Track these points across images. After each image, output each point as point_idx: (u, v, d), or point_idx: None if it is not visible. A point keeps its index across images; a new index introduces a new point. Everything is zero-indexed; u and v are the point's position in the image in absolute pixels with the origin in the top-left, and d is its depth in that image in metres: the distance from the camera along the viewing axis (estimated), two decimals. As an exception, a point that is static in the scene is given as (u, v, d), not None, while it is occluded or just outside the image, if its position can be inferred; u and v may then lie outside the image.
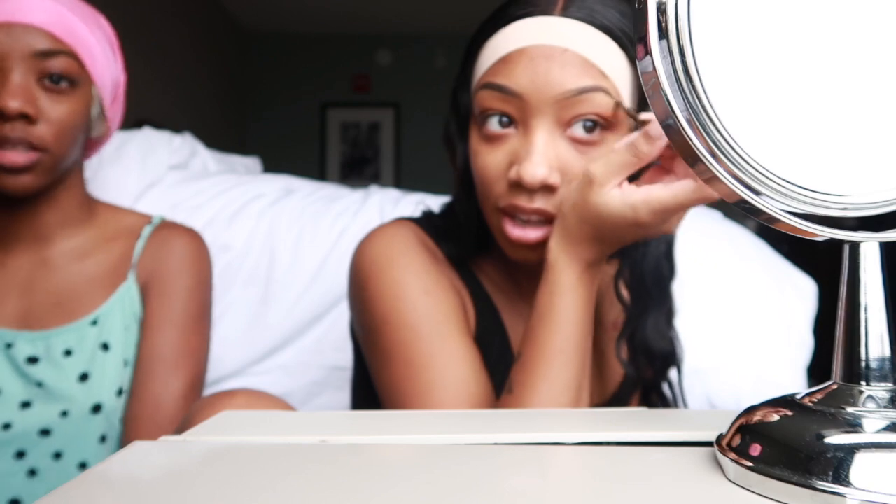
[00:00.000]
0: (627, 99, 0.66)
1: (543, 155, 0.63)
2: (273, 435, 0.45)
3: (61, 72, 0.79)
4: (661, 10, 0.32)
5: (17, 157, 0.76)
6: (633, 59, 0.65)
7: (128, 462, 0.39)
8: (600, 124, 0.65)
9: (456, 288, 0.73)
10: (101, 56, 0.84)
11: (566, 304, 0.62)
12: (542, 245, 0.66)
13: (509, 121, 0.66)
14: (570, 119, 0.64)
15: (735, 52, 0.33)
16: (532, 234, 0.66)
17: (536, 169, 0.63)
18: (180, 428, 0.63)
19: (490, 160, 0.67)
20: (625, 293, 0.75)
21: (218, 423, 0.49)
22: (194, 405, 0.66)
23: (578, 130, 0.65)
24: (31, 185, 0.80)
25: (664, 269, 0.76)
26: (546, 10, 0.65)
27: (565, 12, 0.65)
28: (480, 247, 0.77)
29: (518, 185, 0.65)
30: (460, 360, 0.67)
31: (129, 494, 0.35)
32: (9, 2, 0.77)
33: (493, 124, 0.66)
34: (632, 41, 0.65)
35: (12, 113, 0.75)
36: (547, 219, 0.66)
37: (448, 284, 0.72)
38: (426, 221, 0.79)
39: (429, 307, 0.69)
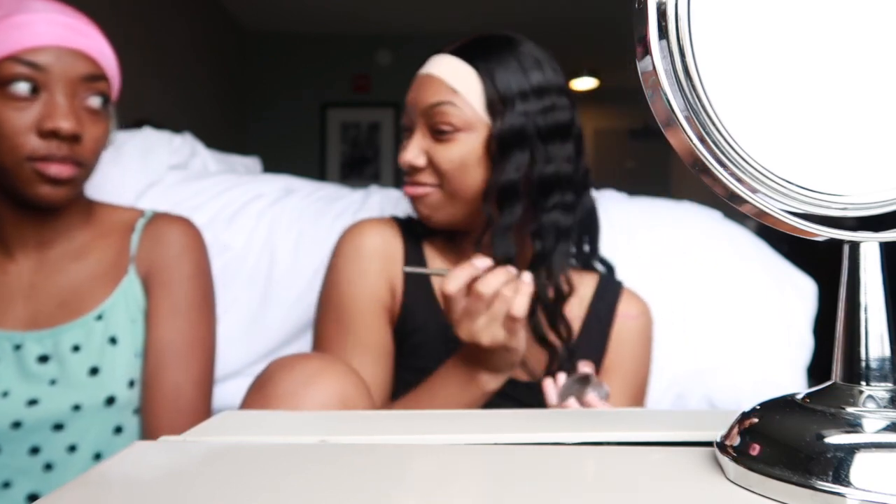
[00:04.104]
0: (477, 103, 0.86)
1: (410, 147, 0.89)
2: (273, 435, 0.45)
3: (101, 95, 0.84)
4: (661, 10, 0.32)
5: (63, 170, 0.81)
6: (480, 75, 0.86)
7: (128, 462, 0.39)
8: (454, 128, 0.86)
9: (389, 280, 0.93)
10: (116, 76, 0.89)
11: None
12: (428, 204, 0.89)
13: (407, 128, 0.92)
14: (433, 125, 0.87)
15: (735, 52, 0.33)
16: (417, 190, 0.90)
17: (406, 155, 0.89)
18: (253, 394, 0.69)
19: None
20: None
21: (218, 423, 0.49)
22: (271, 365, 0.70)
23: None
24: (66, 196, 0.83)
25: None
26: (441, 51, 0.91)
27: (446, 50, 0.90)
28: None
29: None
30: (364, 339, 0.89)
31: (129, 494, 0.35)
32: (60, 27, 0.81)
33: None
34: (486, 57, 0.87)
35: (66, 134, 0.79)
36: (421, 183, 0.89)
37: (377, 278, 0.91)
38: (406, 220, 0.98)
39: (353, 293, 0.91)
